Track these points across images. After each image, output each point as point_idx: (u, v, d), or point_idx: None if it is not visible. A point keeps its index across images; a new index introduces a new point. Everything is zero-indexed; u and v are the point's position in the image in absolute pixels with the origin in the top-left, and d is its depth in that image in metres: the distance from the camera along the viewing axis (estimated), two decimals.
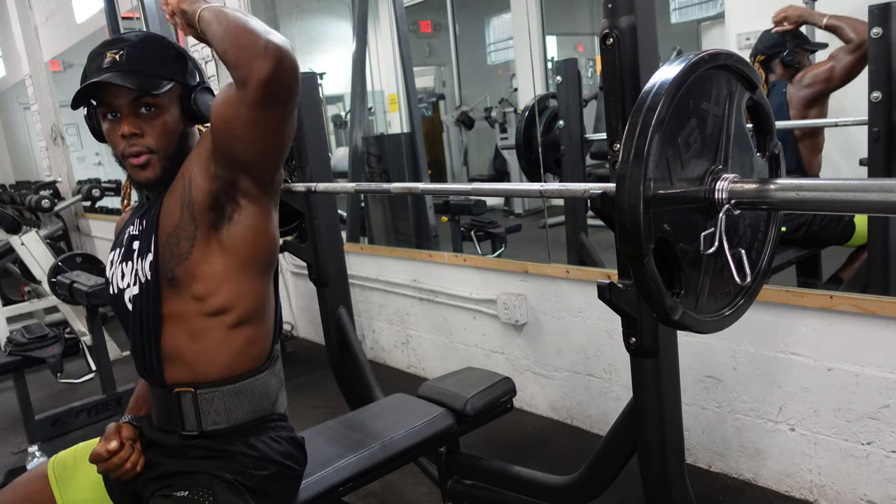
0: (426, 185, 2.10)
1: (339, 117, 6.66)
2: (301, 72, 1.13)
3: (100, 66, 1.14)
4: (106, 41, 1.18)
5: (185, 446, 1.19)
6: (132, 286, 1.20)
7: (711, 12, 5.08)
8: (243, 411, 1.20)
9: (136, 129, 1.15)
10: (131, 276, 1.20)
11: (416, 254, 3.16)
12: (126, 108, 1.14)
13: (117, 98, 1.14)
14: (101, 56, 1.15)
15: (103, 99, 1.15)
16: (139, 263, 1.19)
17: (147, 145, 1.16)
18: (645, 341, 1.13)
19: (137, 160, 1.16)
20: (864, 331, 1.75)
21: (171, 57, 1.20)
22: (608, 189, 1.03)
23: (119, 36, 1.18)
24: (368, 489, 2.11)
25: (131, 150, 1.15)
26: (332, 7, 6.57)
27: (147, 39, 1.19)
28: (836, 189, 0.87)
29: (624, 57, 1.08)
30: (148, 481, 1.20)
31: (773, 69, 2.41)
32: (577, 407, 2.56)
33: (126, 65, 1.13)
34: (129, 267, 1.21)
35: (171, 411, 1.19)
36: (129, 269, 1.21)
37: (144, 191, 1.26)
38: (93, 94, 1.15)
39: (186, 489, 1.13)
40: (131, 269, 1.21)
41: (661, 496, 1.35)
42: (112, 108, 1.15)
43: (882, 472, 1.78)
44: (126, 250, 1.23)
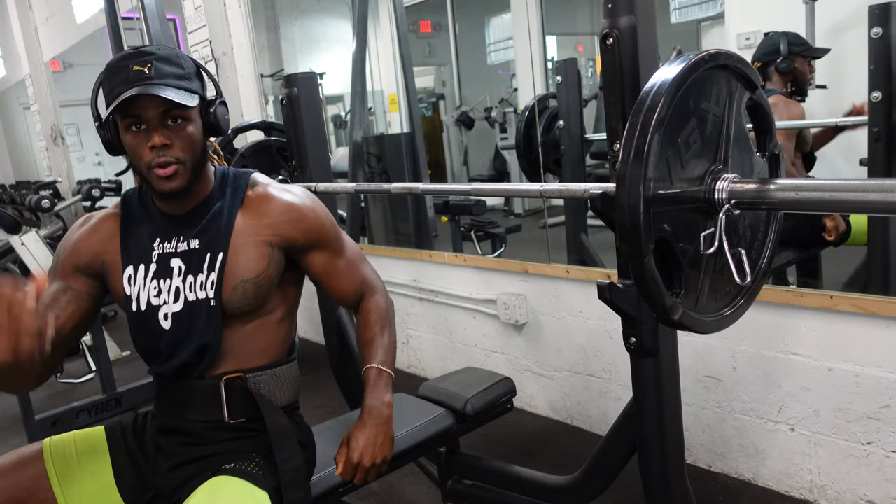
0: (426, 185, 2.10)
1: (339, 117, 6.66)
2: (301, 72, 1.18)
3: (129, 79, 1.14)
4: (126, 53, 1.18)
5: (216, 430, 1.24)
6: (171, 303, 1.23)
7: (711, 12, 5.08)
8: (284, 395, 1.31)
9: (167, 141, 1.16)
10: (169, 294, 1.23)
11: (416, 254, 3.16)
12: (155, 119, 1.15)
13: (147, 110, 1.15)
14: (126, 68, 1.15)
15: (130, 111, 1.15)
16: (182, 282, 1.22)
17: (176, 156, 1.17)
18: (645, 341, 1.13)
19: (165, 171, 1.17)
20: (864, 331, 1.74)
21: (194, 72, 1.23)
22: (608, 189, 1.03)
23: (139, 49, 1.19)
24: (368, 489, 2.11)
25: (160, 161, 1.16)
26: (332, 7, 6.57)
27: (171, 53, 1.20)
28: (836, 189, 0.87)
29: (624, 57, 1.08)
30: (169, 472, 1.23)
31: (770, 76, 2.40)
32: (577, 407, 2.56)
33: (158, 78, 1.15)
34: (165, 284, 1.23)
35: (211, 399, 1.24)
36: (165, 286, 1.23)
37: (164, 200, 1.25)
38: (120, 106, 1.14)
39: (231, 462, 1.21)
40: (170, 286, 1.23)
41: (661, 496, 1.35)
42: (140, 119, 1.16)
43: (882, 472, 1.78)
44: (161, 268, 1.24)
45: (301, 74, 2.02)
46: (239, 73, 3.86)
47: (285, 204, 1.28)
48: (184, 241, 1.25)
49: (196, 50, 4.01)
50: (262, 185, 1.31)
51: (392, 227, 3.91)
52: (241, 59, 3.84)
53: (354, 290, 1.38)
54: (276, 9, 5.36)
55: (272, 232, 1.26)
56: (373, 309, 1.37)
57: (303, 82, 2.00)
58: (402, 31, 3.73)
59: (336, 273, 1.35)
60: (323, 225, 1.31)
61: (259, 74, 3.97)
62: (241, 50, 3.82)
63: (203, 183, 1.26)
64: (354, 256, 1.39)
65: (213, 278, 1.21)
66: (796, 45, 2.38)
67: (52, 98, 6.84)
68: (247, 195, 1.28)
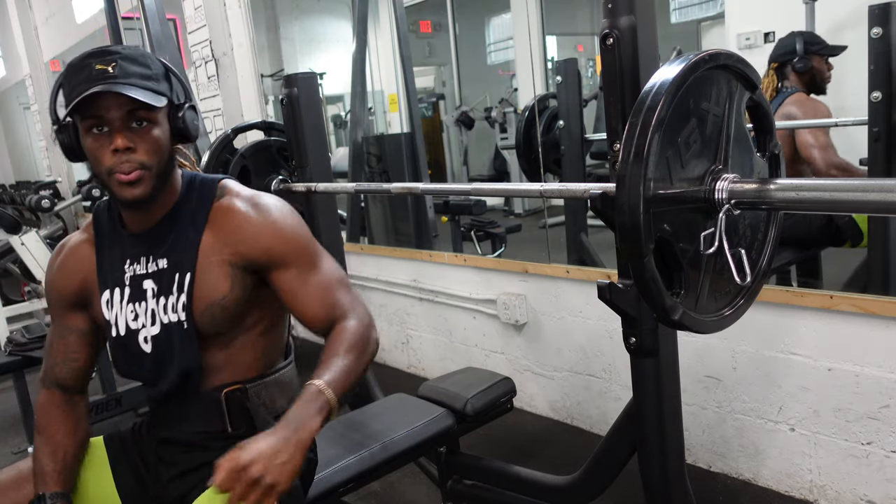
0: (426, 185, 2.10)
1: (339, 117, 6.66)
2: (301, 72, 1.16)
3: (91, 77, 1.06)
4: (89, 52, 1.11)
5: (217, 439, 1.21)
6: (149, 326, 1.18)
7: (711, 12, 5.08)
8: (285, 399, 1.25)
9: (130, 144, 1.09)
10: (146, 317, 1.18)
11: (416, 254, 3.16)
12: (119, 121, 1.08)
13: (110, 111, 1.07)
14: (88, 67, 1.08)
15: (91, 112, 1.07)
16: (157, 304, 1.17)
17: (140, 161, 1.10)
18: (645, 341, 1.13)
19: (129, 176, 1.09)
20: (864, 331, 1.74)
21: (162, 73, 1.16)
22: (608, 189, 1.03)
23: (104, 48, 1.12)
24: (368, 489, 2.11)
25: (123, 167, 1.09)
26: (332, 7, 6.57)
27: (137, 53, 1.13)
28: (836, 189, 0.87)
29: (624, 57, 1.08)
30: (170, 481, 1.22)
31: (787, 76, 2.40)
32: (577, 407, 2.56)
33: (122, 77, 1.07)
34: (141, 307, 1.18)
35: (212, 411, 1.21)
36: (141, 309, 1.18)
37: (129, 210, 1.19)
38: (80, 106, 1.06)
39: None
40: (146, 309, 1.18)
41: (661, 496, 1.35)
42: (101, 121, 1.08)
43: (882, 472, 1.78)
44: (134, 291, 1.19)
45: (301, 74, 2.02)
46: (239, 73, 3.86)
47: (244, 218, 1.17)
48: (153, 261, 1.19)
49: (196, 50, 4.01)
50: (228, 196, 1.21)
51: (392, 227, 3.91)
52: (241, 59, 3.84)
53: (324, 315, 1.18)
54: (276, 9, 5.36)
55: (231, 250, 1.17)
56: (343, 330, 1.16)
57: (303, 82, 2.00)
58: (402, 31, 3.73)
59: (302, 294, 1.18)
60: (287, 240, 1.18)
61: (259, 74, 3.97)
62: (241, 50, 3.82)
63: (169, 192, 1.18)
64: (330, 278, 1.21)
65: (182, 300, 1.15)
66: (812, 45, 2.38)
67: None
68: (213, 207, 1.19)
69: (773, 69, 2.42)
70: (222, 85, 3.91)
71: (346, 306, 1.18)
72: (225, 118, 3.91)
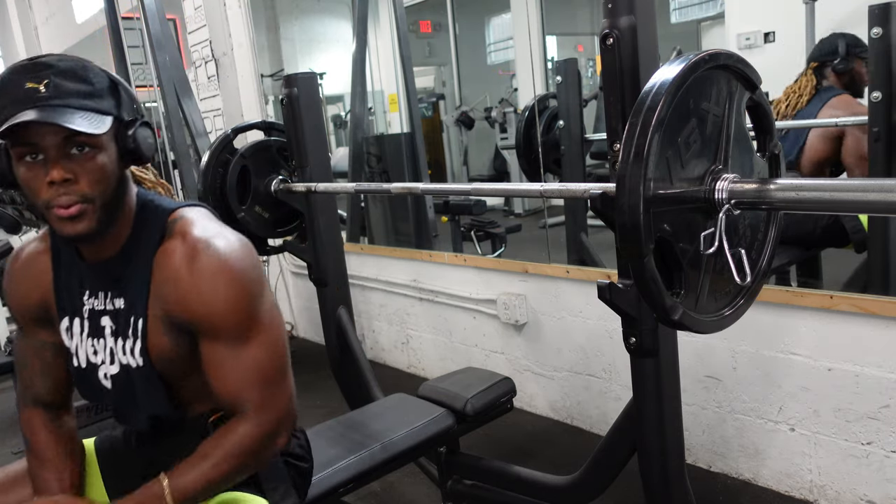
0: (426, 185, 2.10)
1: (339, 117, 6.66)
2: (301, 72, 1.13)
3: (19, 98, 0.93)
4: (20, 65, 0.96)
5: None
6: (108, 364, 1.09)
7: (711, 12, 5.08)
8: None
9: (69, 174, 0.94)
10: (105, 354, 1.09)
11: (416, 254, 3.16)
12: (55, 149, 0.93)
13: (44, 137, 0.93)
14: (17, 84, 0.94)
15: (22, 139, 0.93)
16: (115, 343, 1.08)
17: (81, 193, 0.95)
18: (645, 341, 1.13)
19: (68, 211, 0.95)
20: (864, 331, 1.74)
21: (106, 87, 1.01)
22: (608, 189, 1.03)
23: (37, 59, 0.96)
24: (368, 489, 2.11)
25: (61, 200, 0.94)
26: (332, 7, 6.57)
27: (75, 65, 0.98)
28: (836, 189, 0.87)
29: (624, 57, 1.08)
30: None
31: (826, 76, 2.40)
32: (577, 407, 2.56)
33: (57, 97, 0.94)
34: (100, 343, 1.09)
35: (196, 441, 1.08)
36: (101, 346, 1.09)
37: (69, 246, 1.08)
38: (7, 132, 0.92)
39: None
40: (104, 347, 1.09)
41: (661, 496, 1.35)
42: (35, 148, 0.94)
43: (882, 472, 1.78)
44: (93, 326, 1.10)
45: (301, 74, 2.02)
46: (239, 73, 3.86)
47: (175, 274, 1.02)
48: (111, 299, 1.08)
49: (196, 50, 4.01)
50: (174, 239, 1.04)
51: (392, 227, 3.91)
52: (241, 59, 3.84)
53: (227, 401, 1.05)
54: (276, 9, 5.35)
55: (162, 306, 1.03)
56: (231, 433, 1.02)
57: (303, 82, 2.00)
58: (402, 31, 3.73)
59: (217, 370, 1.03)
60: (215, 311, 1.01)
61: (259, 74, 3.96)
62: (241, 50, 3.82)
63: (122, 222, 1.05)
64: (253, 365, 1.03)
65: (139, 346, 1.05)
66: (855, 47, 2.37)
67: None
68: (159, 249, 1.04)
69: (812, 69, 2.41)
70: (222, 85, 3.91)
71: (252, 403, 1.03)
72: (225, 118, 3.91)
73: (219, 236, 1.04)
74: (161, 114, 3.38)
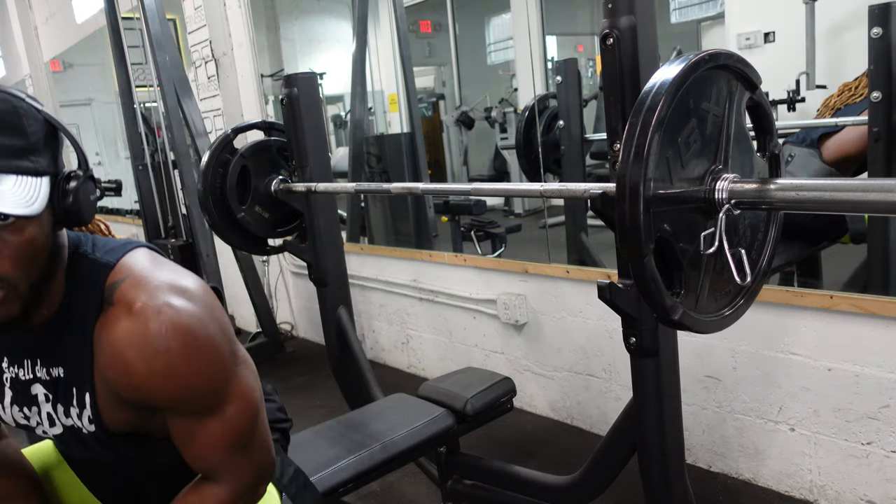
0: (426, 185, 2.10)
1: (339, 117, 6.66)
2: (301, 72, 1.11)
3: None
4: None
5: None
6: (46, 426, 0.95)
7: (711, 12, 5.08)
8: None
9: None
10: (41, 418, 0.94)
11: (416, 254, 3.16)
12: None
13: None
14: None
15: None
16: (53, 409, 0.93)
17: (2, 275, 0.77)
18: (645, 341, 1.13)
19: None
20: (864, 331, 1.74)
21: (42, 137, 0.82)
22: (608, 189, 1.03)
23: None
24: (368, 489, 2.11)
25: None
26: (332, 7, 6.57)
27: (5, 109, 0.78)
28: (836, 189, 0.87)
29: (624, 57, 1.08)
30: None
31: None
32: (577, 407, 2.56)
33: None
34: (32, 410, 0.94)
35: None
36: (33, 412, 0.94)
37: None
38: None
39: None
40: (38, 412, 0.94)
41: (661, 496, 1.35)
42: None
43: (882, 472, 1.78)
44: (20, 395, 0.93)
45: (301, 74, 2.02)
46: (239, 73, 3.86)
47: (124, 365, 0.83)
48: (42, 368, 0.91)
49: (196, 50, 4.01)
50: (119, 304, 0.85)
51: (392, 227, 3.91)
52: (241, 59, 3.84)
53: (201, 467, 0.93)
54: (276, 9, 5.35)
55: (109, 386, 0.87)
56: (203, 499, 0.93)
57: (303, 82, 2.00)
58: (402, 31, 3.73)
59: (187, 443, 0.91)
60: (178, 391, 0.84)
61: (259, 74, 3.96)
62: (241, 50, 3.82)
63: (52, 290, 0.87)
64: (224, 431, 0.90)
65: (88, 414, 0.90)
66: None
67: (52, 98, 6.84)
68: (97, 323, 0.86)
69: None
70: (222, 85, 3.91)
71: (227, 470, 0.92)
72: (225, 118, 3.91)
73: (170, 293, 0.84)
74: (161, 114, 3.38)
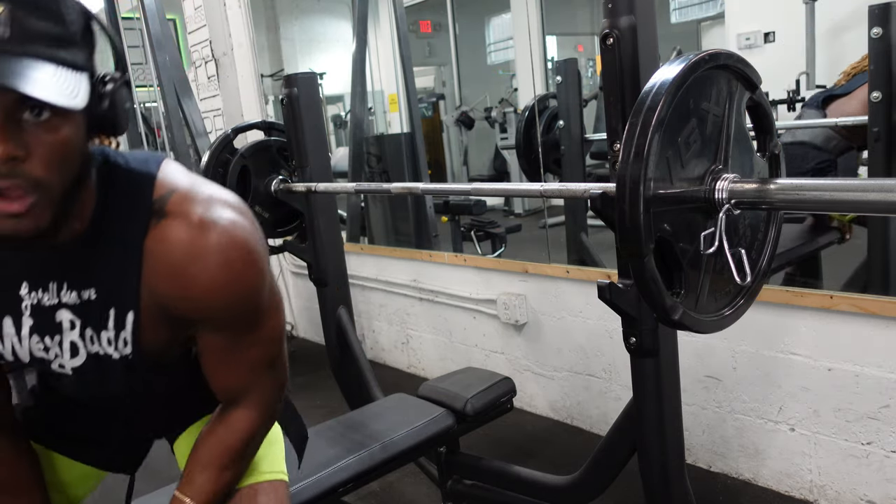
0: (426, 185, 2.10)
1: (339, 117, 6.66)
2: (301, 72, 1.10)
3: None
4: None
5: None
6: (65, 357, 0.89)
7: (711, 12, 5.08)
8: None
9: (17, 151, 0.67)
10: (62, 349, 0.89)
11: (416, 254, 3.16)
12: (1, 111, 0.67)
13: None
14: None
15: None
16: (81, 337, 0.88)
17: (32, 178, 0.69)
18: (645, 341, 1.13)
19: (13, 206, 0.69)
20: (864, 331, 1.74)
21: (81, 29, 0.73)
22: (608, 189, 1.03)
23: None
24: (368, 489, 2.11)
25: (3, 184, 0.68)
26: (332, 7, 6.57)
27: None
28: (836, 189, 0.87)
29: (624, 57, 1.08)
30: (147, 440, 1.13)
31: None
32: (577, 407, 2.56)
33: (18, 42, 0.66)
34: (53, 340, 0.88)
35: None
36: (53, 342, 0.88)
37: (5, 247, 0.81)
38: None
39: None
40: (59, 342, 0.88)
41: (661, 496, 1.35)
42: None
43: (882, 472, 1.78)
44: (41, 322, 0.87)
45: (301, 74, 2.02)
46: (239, 73, 3.86)
47: (181, 270, 0.81)
48: (71, 290, 0.85)
49: (196, 50, 4.01)
50: (174, 215, 0.82)
51: (392, 227, 3.91)
52: (241, 59, 3.84)
53: (228, 394, 0.95)
54: (276, 9, 5.36)
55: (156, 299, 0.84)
56: (236, 428, 0.94)
57: (303, 82, 2.00)
58: (402, 31, 3.73)
59: (219, 363, 0.92)
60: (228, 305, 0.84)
61: (259, 74, 3.97)
62: (241, 50, 3.82)
63: (83, 202, 0.80)
64: (259, 350, 0.92)
65: (125, 336, 0.86)
66: None
67: None
68: (149, 233, 0.82)
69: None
70: (222, 85, 3.91)
71: (256, 391, 0.94)
72: (225, 118, 3.91)
73: (223, 207, 0.84)
74: (161, 114, 3.38)
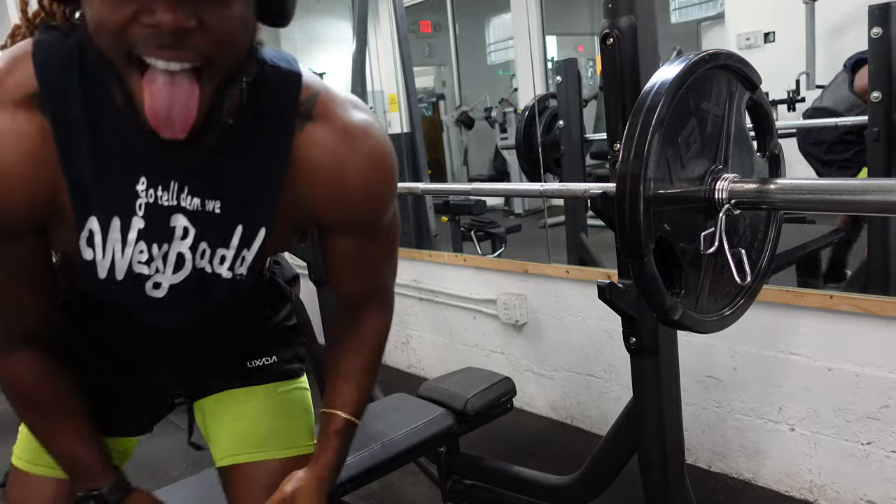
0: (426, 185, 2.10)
1: None
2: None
3: None
4: None
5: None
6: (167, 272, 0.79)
7: (711, 12, 5.09)
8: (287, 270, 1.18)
9: (189, 21, 0.59)
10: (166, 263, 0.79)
11: (416, 254, 3.16)
12: None
13: None
14: None
15: None
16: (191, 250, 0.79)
17: (204, 53, 0.62)
18: (645, 341, 1.13)
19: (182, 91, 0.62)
20: (864, 331, 1.74)
21: None
22: (608, 189, 1.03)
23: None
24: (368, 489, 2.11)
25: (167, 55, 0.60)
26: (332, 7, 6.57)
27: None
28: (836, 189, 0.87)
29: (624, 57, 1.08)
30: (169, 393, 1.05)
31: None
32: (577, 407, 2.56)
33: None
34: (160, 249, 0.77)
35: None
36: (159, 252, 0.78)
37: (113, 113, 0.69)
38: None
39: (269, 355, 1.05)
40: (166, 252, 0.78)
41: (661, 496, 1.35)
42: None
43: (882, 472, 1.78)
44: (153, 225, 0.76)
45: None
46: None
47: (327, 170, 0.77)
48: (193, 196, 0.76)
49: None
50: (322, 119, 0.77)
51: None
52: None
53: (364, 291, 0.95)
54: None
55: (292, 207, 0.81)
56: (370, 331, 0.96)
57: None
58: (402, 31, 3.72)
59: (351, 266, 0.91)
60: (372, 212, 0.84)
61: None
62: None
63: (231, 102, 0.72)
64: (386, 250, 0.94)
65: (246, 255, 0.81)
66: None
67: None
68: (296, 138, 0.76)
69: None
70: None
71: (385, 290, 0.98)
72: None
73: (358, 111, 0.80)
74: None
